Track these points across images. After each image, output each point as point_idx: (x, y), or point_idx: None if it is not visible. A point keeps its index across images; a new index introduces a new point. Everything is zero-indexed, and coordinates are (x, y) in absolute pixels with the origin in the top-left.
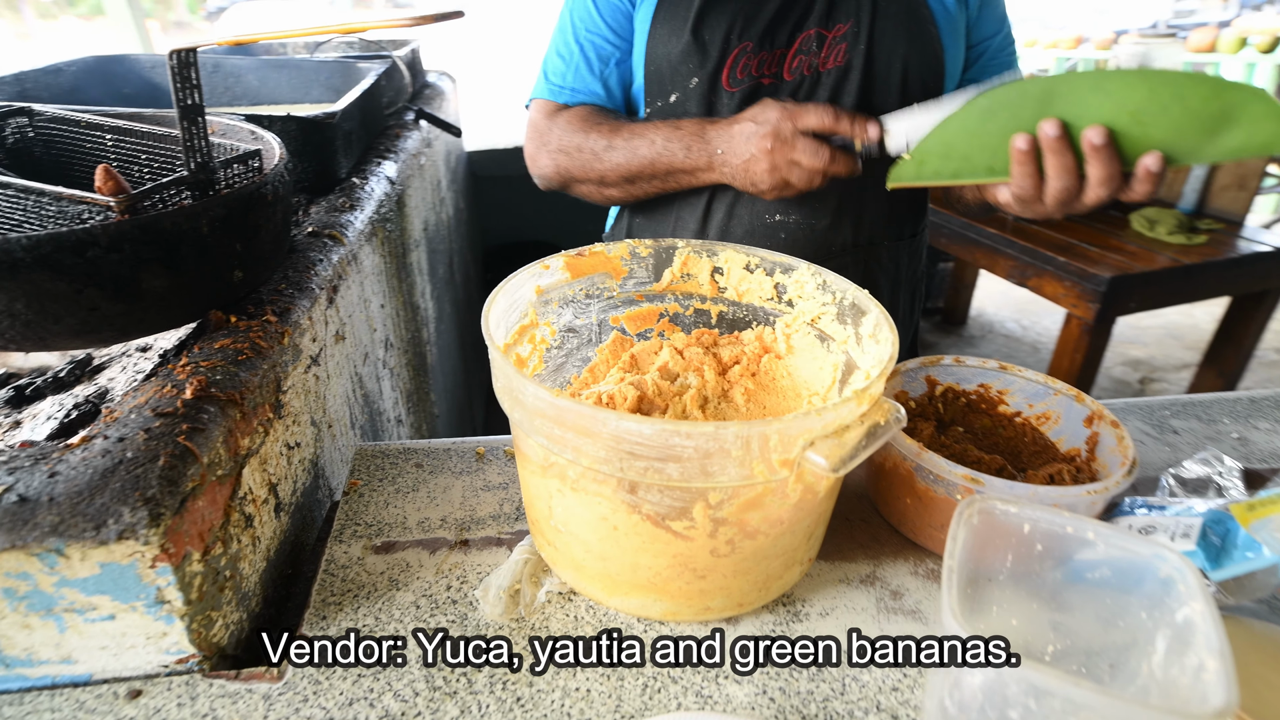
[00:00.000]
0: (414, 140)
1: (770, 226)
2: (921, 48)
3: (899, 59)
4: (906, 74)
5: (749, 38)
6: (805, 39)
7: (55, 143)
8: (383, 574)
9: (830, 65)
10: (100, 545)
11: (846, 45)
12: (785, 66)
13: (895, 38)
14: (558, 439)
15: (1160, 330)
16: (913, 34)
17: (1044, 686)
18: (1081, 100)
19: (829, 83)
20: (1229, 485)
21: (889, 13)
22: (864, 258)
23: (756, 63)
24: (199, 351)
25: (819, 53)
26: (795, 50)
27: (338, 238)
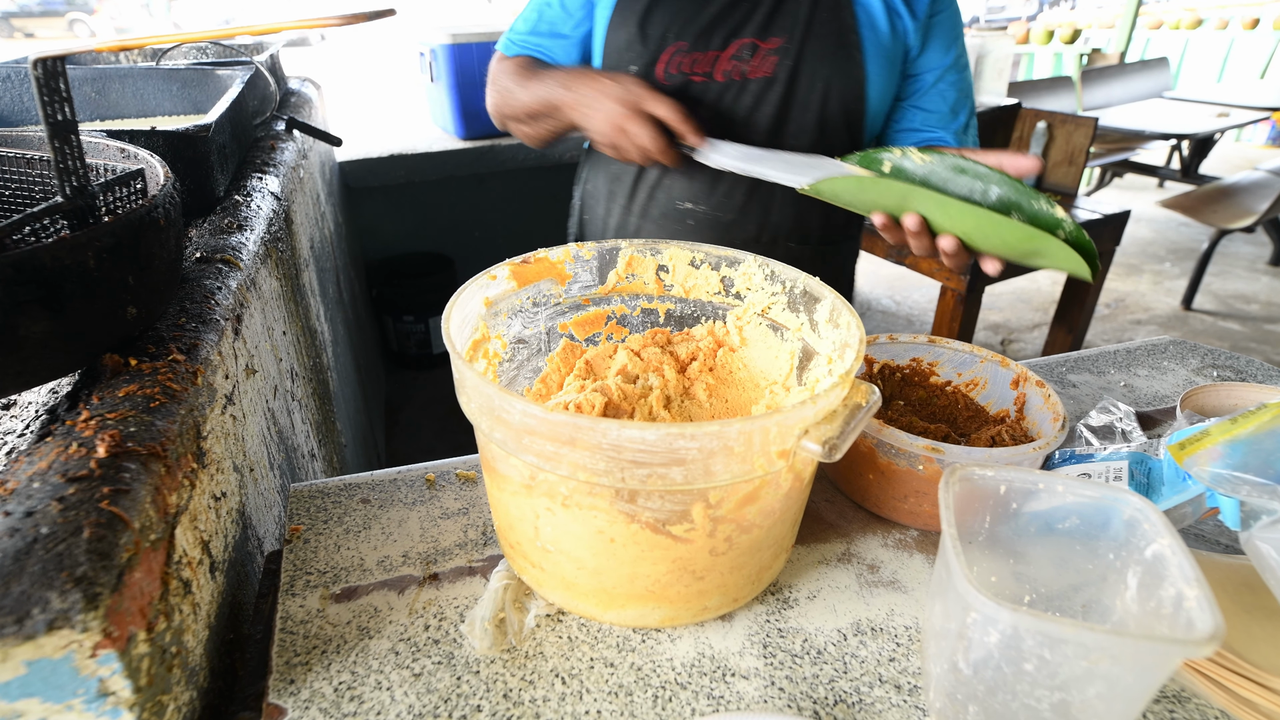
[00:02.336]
0: (290, 152)
1: (680, 212)
2: (844, 72)
3: (821, 79)
4: (827, 93)
5: (685, 37)
6: (740, 46)
7: None
8: (349, 623)
9: (757, 75)
10: (26, 640)
11: (777, 59)
12: (717, 68)
13: (820, 59)
14: (550, 455)
15: (1011, 295)
16: (837, 59)
17: (1059, 635)
18: (931, 213)
19: (754, 90)
20: (1129, 429)
21: (820, 35)
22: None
23: (689, 61)
24: (100, 402)
25: (750, 61)
26: (729, 55)
27: (233, 262)
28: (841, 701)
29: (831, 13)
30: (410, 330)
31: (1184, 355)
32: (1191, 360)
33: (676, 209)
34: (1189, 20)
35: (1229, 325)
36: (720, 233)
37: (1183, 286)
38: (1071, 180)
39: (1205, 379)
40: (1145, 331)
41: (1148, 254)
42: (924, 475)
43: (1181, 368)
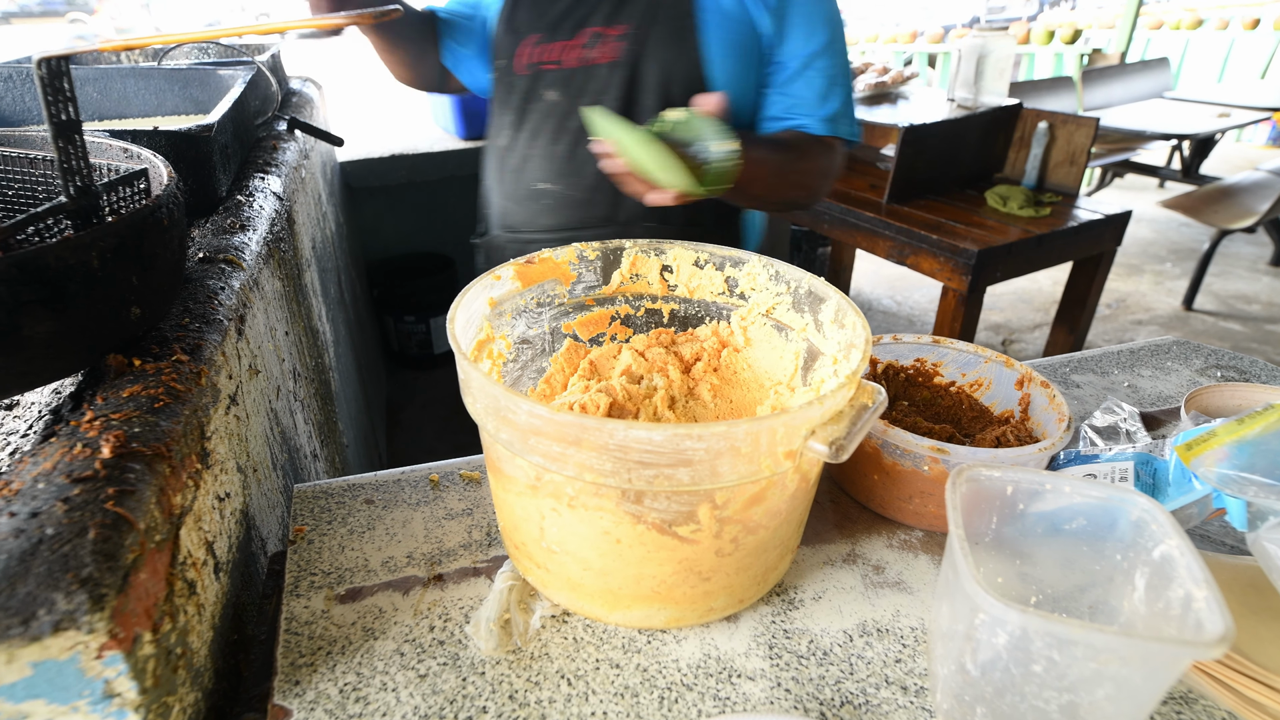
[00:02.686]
0: (292, 152)
1: (537, 192)
2: (683, 55)
3: (662, 62)
4: (668, 76)
5: (540, 29)
6: (589, 34)
7: None
8: (354, 624)
9: (604, 60)
10: (32, 642)
11: (623, 45)
12: (566, 55)
13: (661, 43)
14: (557, 456)
15: (1012, 295)
16: (677, 42)
17: (1068, 637)
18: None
19: (601, 75)
20: (1134, 429)
21: (661, 20)
22: (619, 233)
23: (541, 50)
24: (104, 403)
25: (596, 47)
26: (578, 43)
27: (235, 262)
28: (848, 703)
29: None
30: (411, 330)
31: (1187, 356)
32: (1195, 361)
33: (535, 189)
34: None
35: (1230, 325)
36: (574, 211)
37: (1183, 287)
38: (1073, 180)
39: (1209, 379)
40: (1146, 332)
41: (1149, 254)
42: (929, 476)
43: (1185, 368)
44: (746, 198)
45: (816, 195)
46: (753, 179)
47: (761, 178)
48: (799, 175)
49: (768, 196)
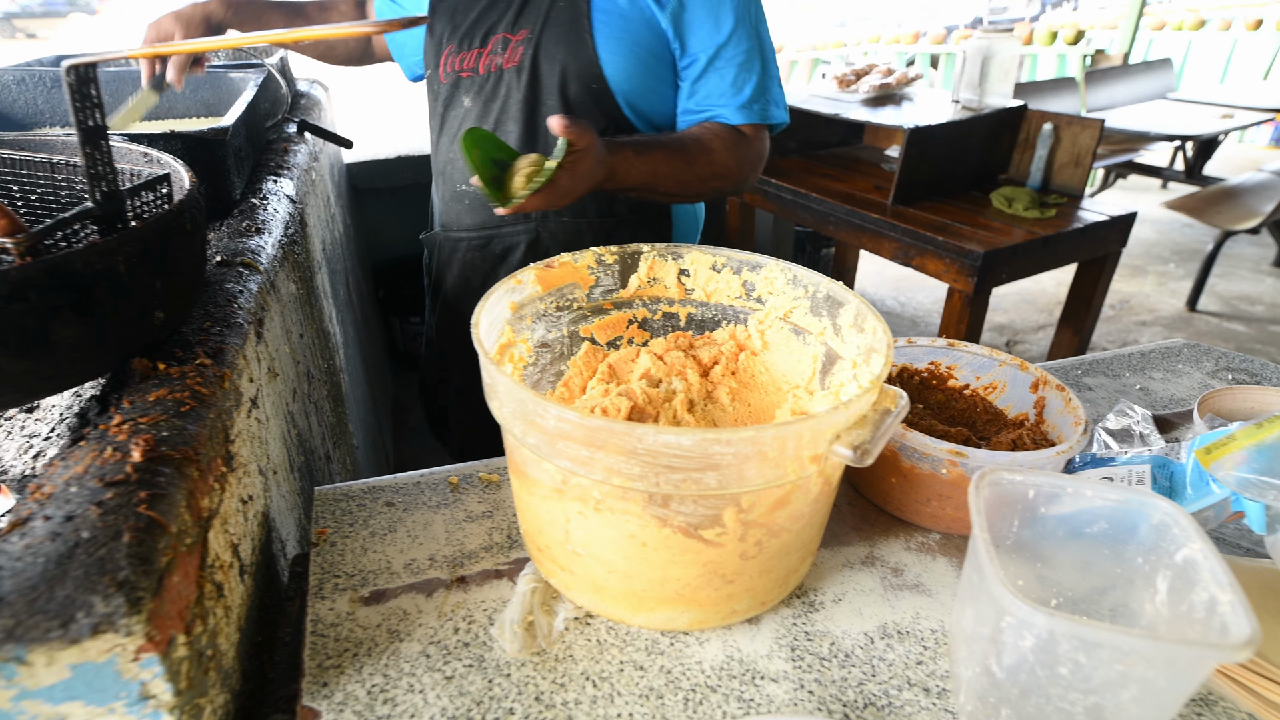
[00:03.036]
0: (303, 155)
1: (459, 193)
2: (578, 55)
3: (558, 62)
4: (565, 75)
5: (454, 40)
6: (495, 41)
7: None
8: (379, 626)
9: (510, 65)
10: (71, 644)
11: (524, 50)
12: (480, 63)
13: (556, 45)
14: (585, 460)
15: (1016, 296)
16: (570, 44)
17: (1095, 639)
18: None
19: (508, 79)
20: (1147, 432)
21: (556, 22)
22: (535, 229)
23: (458, 60)
24: (131, 406)
25: (503, 53)
26: (488, 50)
27: (253, 265)
28: (871, 705)
29: (569, 1)
30: (418, 331)
31: (1198, 358)
32: (1205, 363)
33: (457, 190)
34: (1192, 21)
35: (1234, 327)
36: (490, 211)
37: (1187, 288)
38: (1078, 182)
39: (1220, 382)
40: (1150, 333)
41: (1152, 255)
42: (947, 479)
43: (1196, 371)
44: (659, 195)
45: (740, 181)
46: (655, 177)
47: (666, 175)
48: (709, 168)
49: (679, 191)
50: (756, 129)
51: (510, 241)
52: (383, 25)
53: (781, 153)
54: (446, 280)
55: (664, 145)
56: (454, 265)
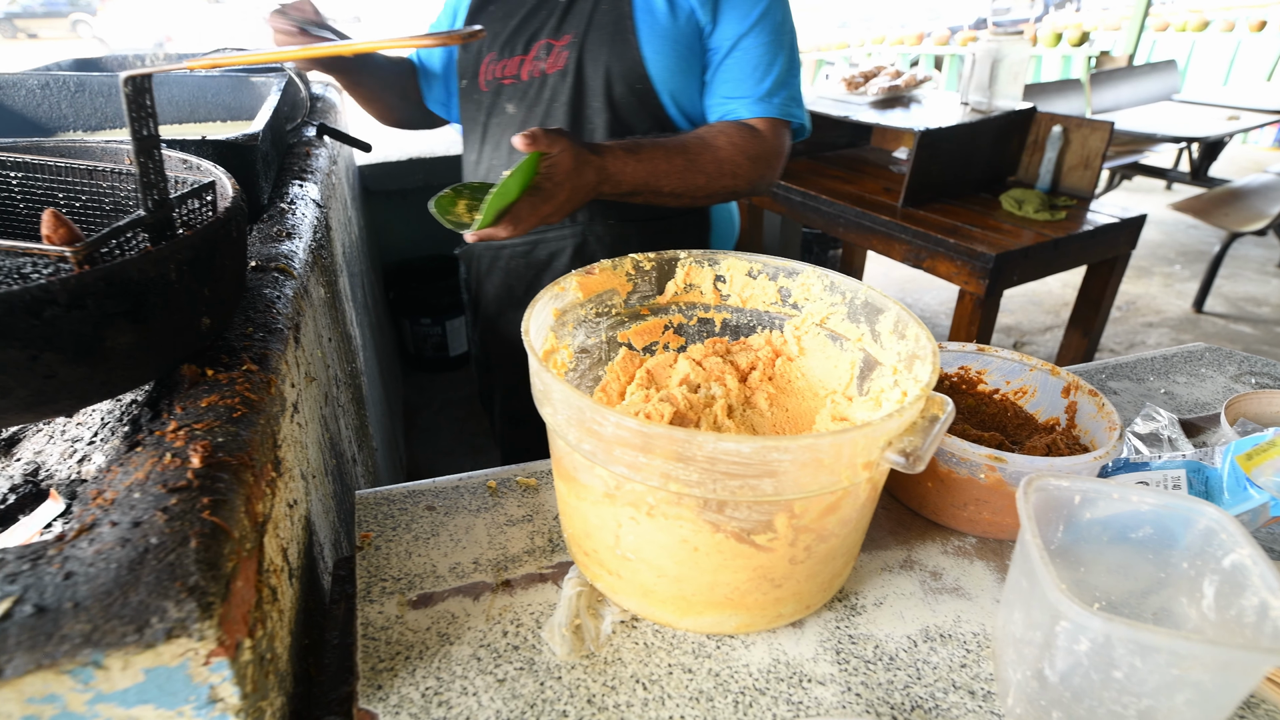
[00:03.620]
0: (324, 158)
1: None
2: (623, 56)
3: (602, 65)
4: (609, 78)
5: (494, 48)
6: (539, 47)
7: None
8: (429, 629)
9: (553, 70)
10: (146, 649)
11: (568, 54)
12: (522, 70)
13: (600, 47)
14: (641, 466)
15: (1023, 298)
16: (615, 45)
17: (1152, 644)
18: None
19: (551, 84)
20: (1175, 436)
21: (599, 25)
22: (581, 233)
23: (500, 67)
24: (183, 412)
25: (546, 59)
26: (531, 57)
27: (287, 270)
28: (919, 707)
29: (611, 5)
30: (427, 333)
31: (1220, 362)
32: (1228, 367)
33: None
34: (1195, 22)
35: (1240, 328)
36: None
37: (1193, 289)
38: (1087, 184)
39: (1244, 386)
40: (1157, 334)
41: (1157, 256)
42: (985, 484)
43: (1219, 375)
44: (665, 197)
45: (754, 181)
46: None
47: (666, 174)
48: (714, 165)
49: (687, 192)
50: (774, 124)
51: (556, 247)
52: (443, 38)
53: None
54: (487, 291)
55: (661, 144)
56: (495, 275)
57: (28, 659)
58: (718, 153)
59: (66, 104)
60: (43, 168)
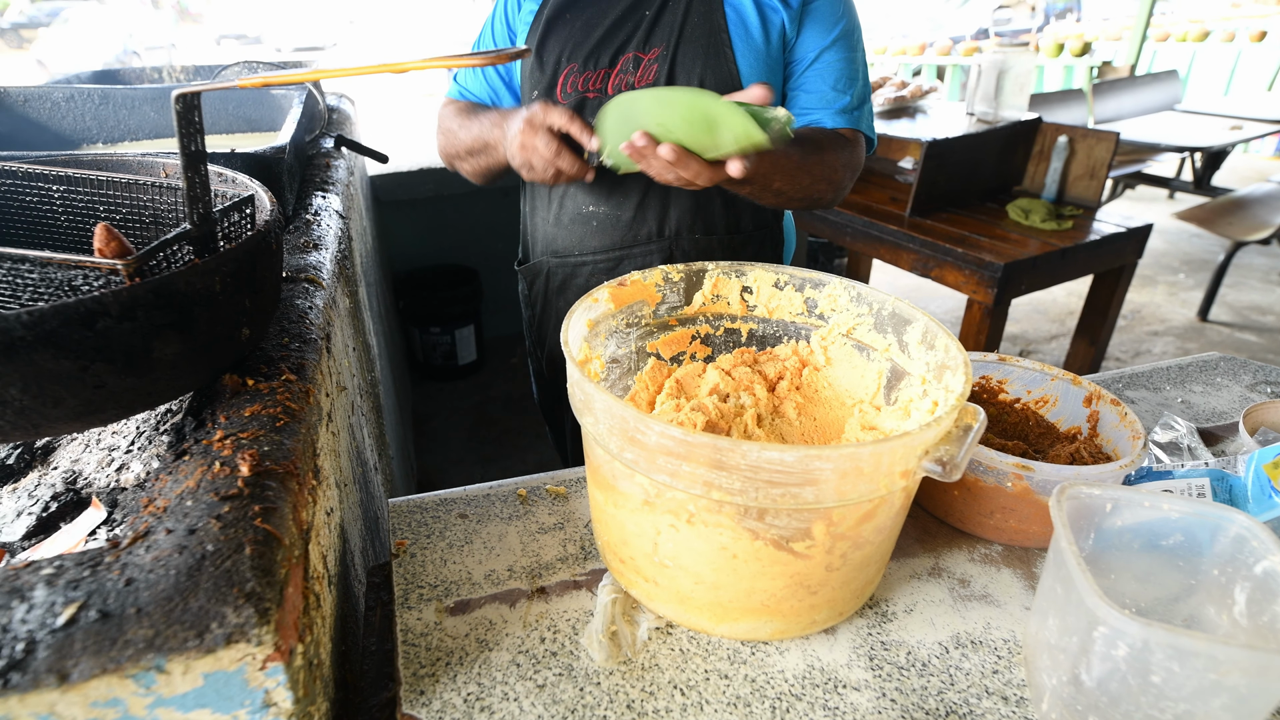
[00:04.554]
0: (343, 170)
1: (586, 215)
2: (717, 67)
3: (695, 77)
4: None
5: (575, 59)
6: (625, 60)
7: None
8: (467, 636)
9: (642, 84)
10: (207, 654)
11: (658, 66)
12: (609, 84)
13: (694, 59)
14: (684, 474)
15: (1028, 307)
16: (709, 56)
17: (1192, 649)
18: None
19: None
20: (1194, 445)
21: (692, 38)
22: (668, 247)
23: (582, 80)
24: (228, 421)
25: (635, 72)
26: (617, 70)
27: (316, 281)
28: (953, 713)
29: (703, 17)
30: (437, 341)
31: (1235, 371)
32: (1243, 376)
33: (582, 213)
34: (1196, 32)
35: (1246, 337)
36: (623, 231)
37: (1197, 298)
38: (1093, 194)
39: (1260, 395)
40: (1163, 343)
41: (1161, 265)
42: (1012, 492)
43: (1235, 384)
44: (770, 193)
45: (840, 189)
46: (773, 170)
47: (783, 169)
48: (820, 168)
49: (790, 191)
50: (856, 135)
51: (644, 262)
52: (490, 57)
53: None
54: (560, 307)
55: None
56: (570, 291)
57: (93, 663)
58: (824, 157)
59: (90, 116)
60: (85, 181)
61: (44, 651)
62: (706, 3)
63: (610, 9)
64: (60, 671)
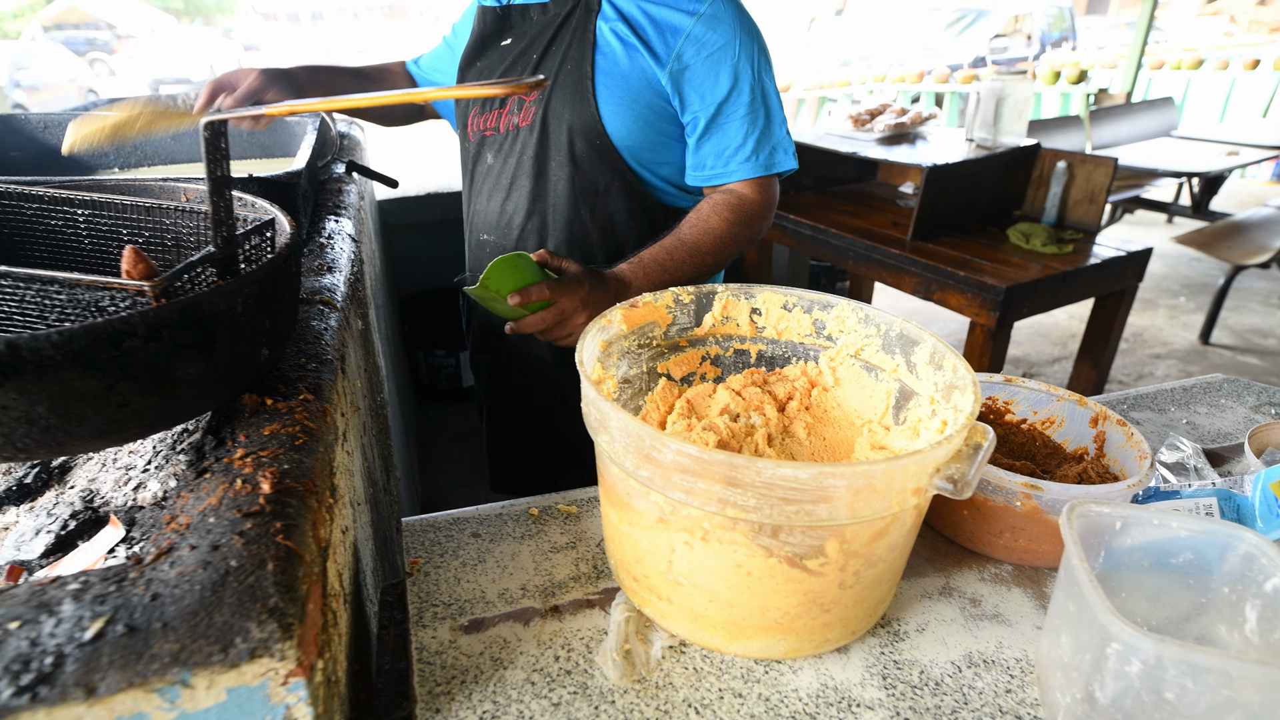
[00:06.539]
0: (354, 194)
1: (482, 243)
2: (581, 114)
3: (565, 122)
4: (571, 133)
5: (477, 102)
6: (512, 101)
7: (6, 221)
8: (482, 654)
9: (523, 124)
10: (230, 668)
11: (535, 109)
12: (500, 123)
13: (562, 105)
14: (699, 492)
15: (1030, 329)
16: (574, 103)
17: (1205, 665)
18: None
19: (522, 137)
20: (1200, 465)
21: (563, 83)
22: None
23: (482, 120)
24: (248, 440)
25: (519, 113)
26: (507, 110)
27: (331, 303)
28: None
29: (575, 63)
30: (441, 364)
31: (1239, 393)
32: (1247, 398)
33: (480, 240)
34: (1190, 60)
35: (1248, 360)
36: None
37: (1198, 320)
38: (1093, 218)
39: (1265, 416)
40: (1165, 365)
41: (1162, 288)
42: (1021, 511)
43: (1239, 405)
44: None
45: (755, 235)
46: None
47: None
48: (720, 241)
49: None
50: (762, 181)
51: None
52: (510, 87)
53: (798, 189)
54: (474, 322)
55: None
56: (480, 307)
57: (120, 677)
58: (715, 231)
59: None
60: (110, 205)
61: (72, 665)
62: (580, 49)
63: (509, 53)
64: (87, 685)
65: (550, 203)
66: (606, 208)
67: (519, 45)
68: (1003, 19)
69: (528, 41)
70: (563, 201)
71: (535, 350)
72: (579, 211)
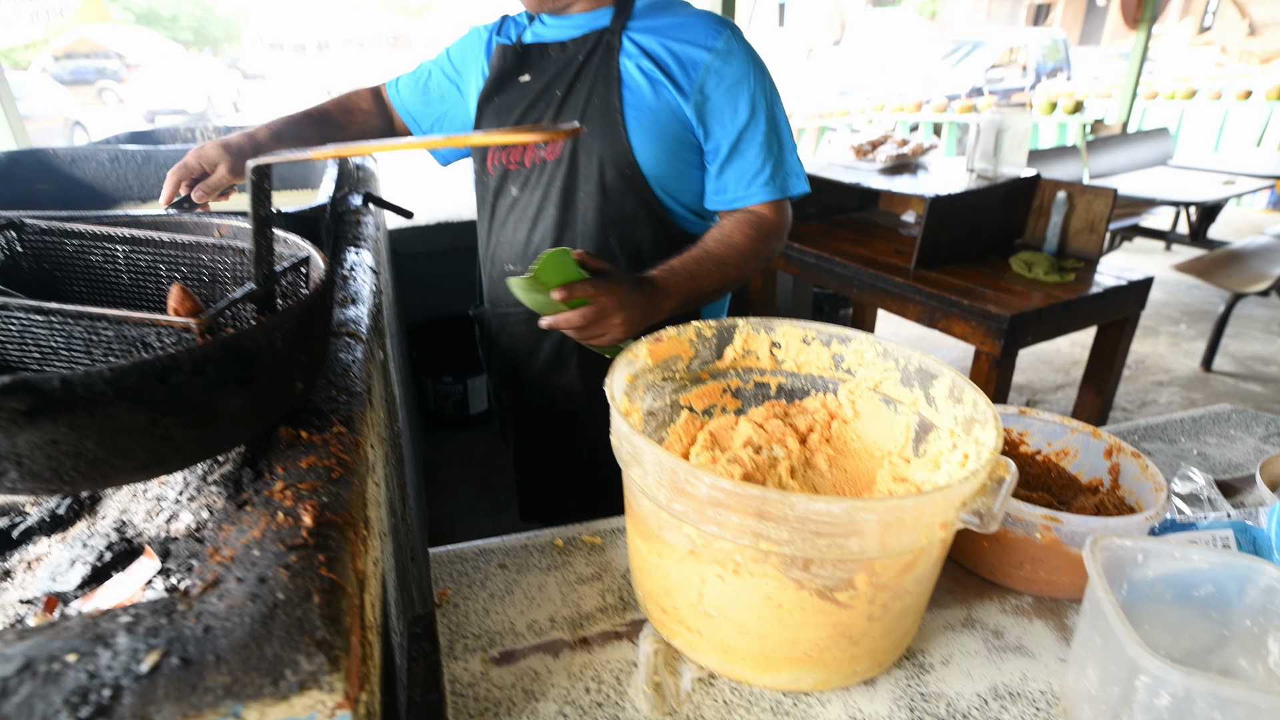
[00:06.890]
0: (371, 226)
1: (506, 273)
2: (613, 146)
3: (595, 154)
4: (602, 165)
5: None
6: None
7: (48, 256)
8: (513, 686)
9: (551, 157)
10: (281, 700)
11: (564, 143)
12: (525, 157)
13: (593, 138)
14: (732, 525)
15: (1032, 357)
16: (605, 135)
17: (1234, 698)
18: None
19: (549, 170)
20: (1214, 497)
21: (592, 118)
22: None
23: (505, 155)
24: (285, 472)
25: (545, 148)
26: (532, 145)
27: (356, 336)
28: None
29: (602, 98)
30: (449, 391)
31: (1248, 424)
32: (1256, 429)
33: (504, 270)
34: (1184, 91)
35: (1250, 387)
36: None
37: (1199, 348)
38: (1093, 246)
39: (1274, 447)
40: (1168, 393)
41: (1162, 316)
42: (1041, 543)
43: (1248, 436)
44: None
45: (771, 255)
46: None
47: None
48: (743, 255)
49: (721, 288)
50: (778, 204)
51: None
52: (548, 134)
53: (801, 218)
54: (495, 353)
55: (689, 256)
56: (503, 338)
57: (174, 710)
58: (738, 246)
59: (133, 176)
60: (149, 241)
61: (129, 698)
62: (606, 85)
63: (529, 90)
64: (144, 717)
65: (579, 231)
66: (634, 235)
67: (540, 82)
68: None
69: (549, 79)
70: (591, 230)
71: (563, 380)
72: (607, 239)
